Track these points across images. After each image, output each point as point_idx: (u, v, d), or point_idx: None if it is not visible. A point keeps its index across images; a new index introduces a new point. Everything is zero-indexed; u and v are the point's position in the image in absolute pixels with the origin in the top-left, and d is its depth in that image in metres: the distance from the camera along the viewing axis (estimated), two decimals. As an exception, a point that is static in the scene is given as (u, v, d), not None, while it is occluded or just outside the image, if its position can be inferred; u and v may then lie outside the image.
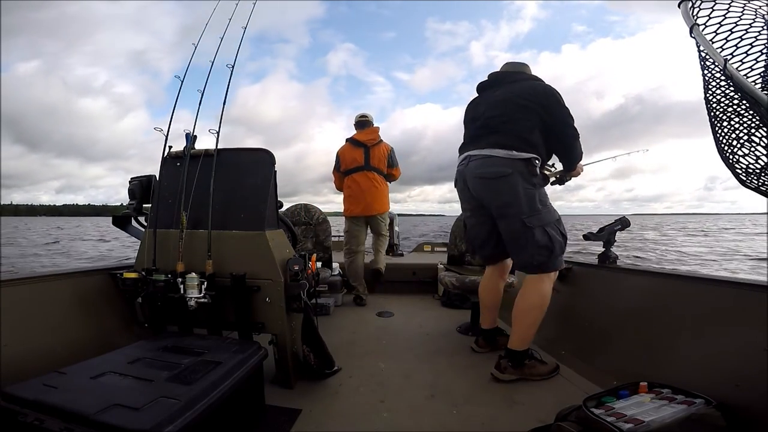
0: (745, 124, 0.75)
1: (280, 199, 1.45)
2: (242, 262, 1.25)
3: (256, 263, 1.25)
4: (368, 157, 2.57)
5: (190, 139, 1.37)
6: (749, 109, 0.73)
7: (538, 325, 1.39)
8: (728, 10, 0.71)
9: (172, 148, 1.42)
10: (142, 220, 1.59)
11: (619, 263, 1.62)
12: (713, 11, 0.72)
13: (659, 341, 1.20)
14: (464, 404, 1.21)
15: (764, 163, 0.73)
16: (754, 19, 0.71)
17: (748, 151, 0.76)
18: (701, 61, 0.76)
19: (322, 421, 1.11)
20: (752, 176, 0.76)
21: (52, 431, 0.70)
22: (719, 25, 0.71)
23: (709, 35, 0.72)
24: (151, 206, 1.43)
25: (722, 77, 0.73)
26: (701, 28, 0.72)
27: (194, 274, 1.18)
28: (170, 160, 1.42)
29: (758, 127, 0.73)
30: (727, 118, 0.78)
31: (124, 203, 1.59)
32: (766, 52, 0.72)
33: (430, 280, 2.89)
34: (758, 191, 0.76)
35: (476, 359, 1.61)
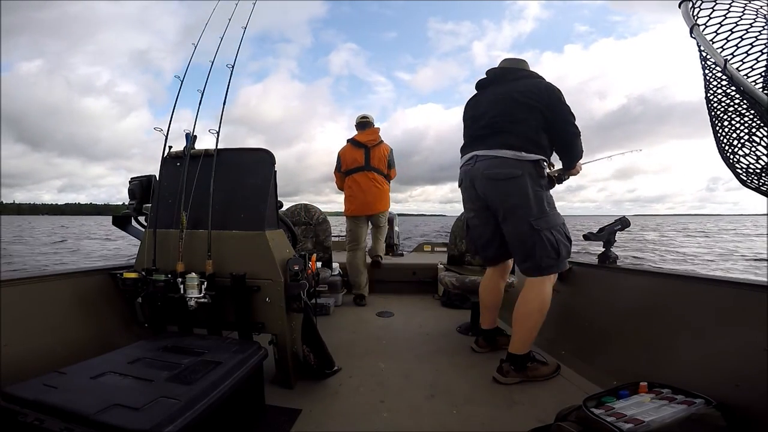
0: (745, 124, 0.75)
1: (281, 198, 1.44)
2: (242, 262, 1.25)
3: (256, 263, 1.25)
4: (369, 157, 2.60)
5: (190, 139, 1.37)
6: (750, 109, 0.73)
7: (539, 328, 1.38)
8: (729, 10, 0.71)
9: (172, 148, 1.42)
10: (142, 220, 1.59)
11: (619, 263, 1.62)
12: (714, 11, 0.72)
13: (659, 341, 1.20)
14: (464, 404, 1.21)
15: (765, 163, 0.73)
16: (754, 19, 0.71)
17: (748, 151, 0.76)
18: (702, 61, 0.76)
19: (322, 421, 1.11)
20: (753, 176, 0.76)
21: (52, 431, 0.70)
22: (720, 25, 0.71)
23: (709, 35, 0.72)
24: (151, 206, 1.43)
25: (723, 77, 0.73)
26: (702, 28, 0.72)
27: (194, 274, 1.18)
28: (170, 160, 1.42)
29: (759, 127, 0.73)
30: (727, 118, 0.78)
31: (125, 202, 1.59)
32: (766, 51, 0.72)
33: (430, 280, 2.89)
34: (759, 191, 0.76)
35: (476, 359, 1.61)
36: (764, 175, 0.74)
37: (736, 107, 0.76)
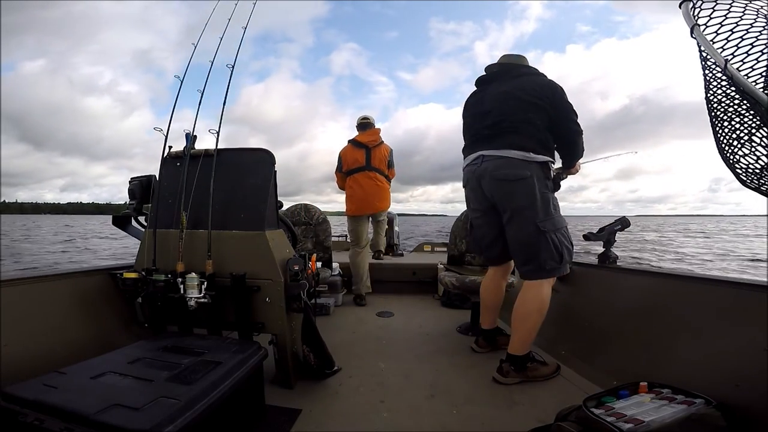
0: (745, 124, 0.75)
1: (282, 198, 1.44)
2: (242, 262, 1.25)
3: (256, 263, 1.25)
4: (369, 157, 2.62)
5: (189, 139, 1.37)
6: (750, 109, 0.73)
7: (538, 328, 1.38)
8: (729, 10, 0.71)
9: (172, 148, 1.42)
10: (142, 220, 1.58)
11: (619, 263, 1.62)
12: (714, 12, 0.72)
13: (659, 341, 1.20)
14: (464, 404, 1.21)
15: (764, 163, 0.73)
16: (755, 19, 0.71)
17: (748, 151, 0.76)
18: (702, 61, 0.76)
19: (322, 421, 1.11)
20: (753, 176, 0.76)
21: (52, 431, 0.70)
22: (720, 25, 0.71)
23: (710, 35, 0.72)
24: (151, 206, 1.43)
25: (723, 77, 0.73)
26: (702, 28, 0.72)
27: (194, 274, 1.18)
28: (170, 160, 1.42)
29: (759, 127, 0.73)
30: (727, 118, 0.78)
31: (127, 202, 1.59)
32: (767, 52, 0.72)
33: (430, 280, 2.89)
34: (759, 191, 0.77)
35: (476, 359, 1.61)
36: (764, 175, 0.74)
37: (736, 108, 0.76)
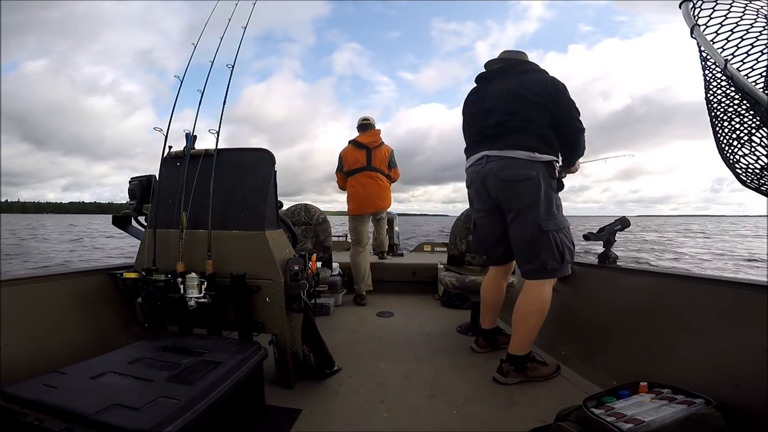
0: (745, 124, 0.75)
1: (284, 198, 1.44)
2: (242, 262, 1.25)
3: (256, 263, 1.25)
4: (370, 158, 2.65)
5: (189, 139, 1.37)
6: (750, 109, 0.73)
7: (538, 329, 1.38)
8: (729, 10, 0.71)
9: (172, 148, 1.42)
10: (142, 220, 1.58)
11: (619, 263, 1.62)
12: (714, 12, 0.72)
13: (659, 341, 1.20)
14: (464, 404, 1.21)
15: (764, 163, 0.73)
16: (755, 19, 0.71)
17: (748, 151, 0.76)
18: (702, 61, 0.76)
19: (322, 421, 1.11)
20: (753, 176, 0.76)
21: (52, 431, 0.70)
22: (720, 25, 0.71)
23: (710, 36, 0.72)
24: (151, 206, 1.43)
25: (723, 78, 0.73)
26: (702, 28, 0.72)
27: (194, 274, 1.18)
28: (170, 160, 1.42)
29: (759, 127, 0.73)
30: (727, 118, 0.78)
31: (128, 202, 1.59)
32: (766, 52, 0.72)
33: (430, 280, 2.89)
34: (759, 191, 0.77)
35: (476, 359, 1.61)
36: (764, 175, 0.74)
37: (736, 108, 0.76)
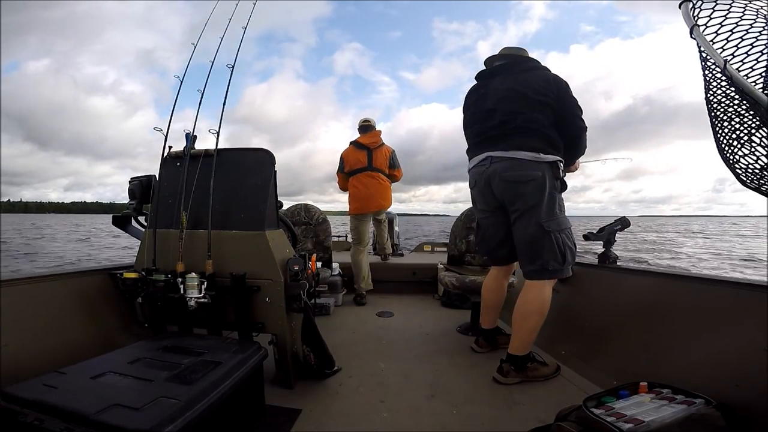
0: (745, 124, 0.75)
1: (285, 198, 1.44)
2: (242, 262, 1.25)
3: (256, 263, 1.25)
4: (371, 158, 2.68)
5: (189, 139, 1.37)
6: (749, 109, 0.73)
7: (539, 329, 1.38)
8: (729, 10, 0.71)
9: (172, 148, 1.42)
10: (142, 220, 1.59)
11: (619, 263, 1.62)
12: (714, 12, 0.72)
13: (659, 341, 1.20)
14: (464, 404, 1.21)
15: (764, 163, 0.73)
16: (755, 19, 0.71)
17: (748, 151, 0.76)
18: (702, 61, 0.76)
19: (322, 421, 1.11)
20: (753, 176, 0.76)
21: (52, 431, 0.70)
22: (720, 25, 0.71)
23: (709, 36, 0.72)
24: (151, 206, 1.43)
25: (723, 78, 0.73)
26: (702, 29, 0.72)
27: (194, 274, 1.18)
28: (170, 160, 1.42)
29: (758, 127, 0.73)
30: (727, 118, 0.78)
31: (128, 202, 1.59)
32: (766, 52, 0.72)
33: (430, 280, 2.89)
34: (759, 191, 0.77)
35: (476, 359, 1.61)
36: (764, 175, 0.74)
37: (735, 108, 0.76)
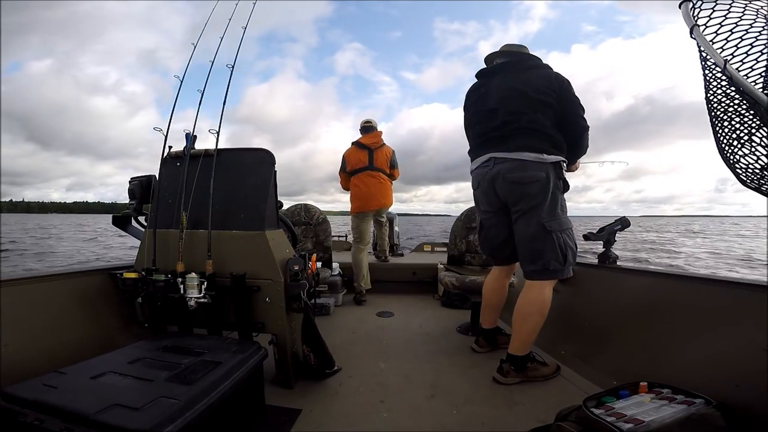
0: (745, 124, 0.75)
1: (286, 198, 1.44)
2: (242, 262, 1.25)
3: (256, 263, 1.25)
4: (372, 158, 2.72)
5: (189, 139, 1.37)
6: (749, 109, 0.73)
7: (539, 329, 1.38)
8: (729, 10, 0.71)
9: (172, 148, 1.42)
10: (142, 220, 1.59)
11: (619, 263, 1.62)
12: (714, 12, 0.72)
13: (659, 341, 1.20)
14: (464, 404, 1.21)
15: (765, 163, 0.73)
16: (755, 19, 0.71)
17: (748, 151, 0.76)
18: (702, 61, 0.76)
19: (322, 421, 1.11)
20: (753, 176, 0.76)
21: (52, 431, 0.70)
22: (720, 25, 0.71)
23: (709, 36, 0.72)
24: (151, 206, 1.43)
25: (723, 78, 0.73)
26: (702, 28, 0.72)
27: (194, 274, 1.18)
28: (170, 160, 1.42)
29: (759, 127, 0.73)
30: (727, 118, 0.78)
31: (128, 202, 1.59)
32: (766, 52, 0.72)
33: (430, 280, 2.89)
34: (759, 191, 0.76)
35: (476, 359, 1.61)
36: (764, 175, 0.74)
37: (736, 108, 0.76)
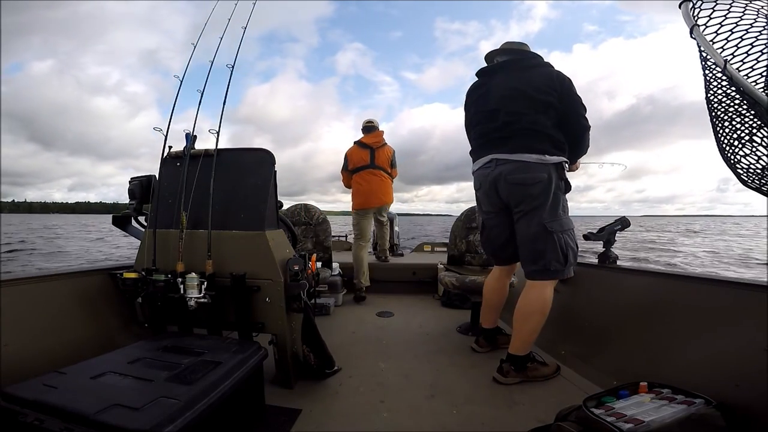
0: (746, 124, 0.75)
1: (287, 198, 1.45)
2: (242, 262, 1.25)
3: (256, 263, 1.25)
4: (374, 157, 2.78)
5: (189, 139, 1.37)
6: (750, 109, 0.73)
7: (539, 329, 1.37)
8: (729, 10, 0.71)
9: (172, 148, 1.42)
10: (142, 220, 1.58)
11: (619, 263, 1.62)
12: (714, 12, 0.72)
13: (659, 341, 1.20)
14: (464, 404, 1.21)
15: (765, 163, 0.73)
16: (755, 19, 0.70)
17: (749, 151, 0.76)
18: (702, 61, 0.76)
19: (322, 421, 1.11)
20: (753, 176, 0.76)
21: (52, 431, 0.70)
22: (720, 25, 0.71)
23: (709, 36, 0.72)
24: (151, 206, 1.43)
25: (723, 78, 0.73)
26: (702, 28, 0.72)
27: (194, 274, 1.18)
28: (170, 160, 1.42)
29: (759, 127, 0.73)
30: (728, 118, 0.78)
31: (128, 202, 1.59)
32: (766, 52, 0.72)
33: (430, 280, 2.89)
34: (760, 191, 0.76)
35: (476, 359, 1.61)
36: (765, 175, 0.74)
37: (736, 108, 0.76)
